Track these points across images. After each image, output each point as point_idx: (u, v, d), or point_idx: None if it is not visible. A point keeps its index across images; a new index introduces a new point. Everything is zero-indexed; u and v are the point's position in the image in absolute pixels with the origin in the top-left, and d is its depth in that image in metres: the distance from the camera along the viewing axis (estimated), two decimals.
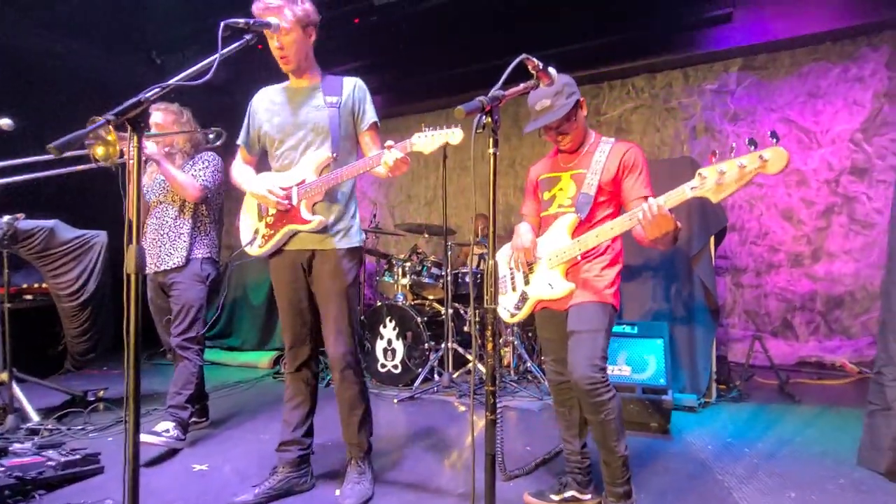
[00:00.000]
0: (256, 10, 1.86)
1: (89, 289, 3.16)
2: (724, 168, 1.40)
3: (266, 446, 2.65)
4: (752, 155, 1.36)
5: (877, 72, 4.26)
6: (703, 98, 4.86)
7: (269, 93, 2.15)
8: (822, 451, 2.48)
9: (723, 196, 1.42)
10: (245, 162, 2.21)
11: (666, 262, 3.42)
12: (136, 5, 4.59)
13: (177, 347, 2.62)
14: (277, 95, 2.12)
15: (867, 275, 4.26)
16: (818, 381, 3.90)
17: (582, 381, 1.70)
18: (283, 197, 1.99)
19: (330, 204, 2.04)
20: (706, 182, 1.43)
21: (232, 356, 4.90)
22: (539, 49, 1.43)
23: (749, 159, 1.36)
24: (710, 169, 1.42)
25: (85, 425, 2.86)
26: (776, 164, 1.33)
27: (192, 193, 2.57)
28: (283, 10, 1.85)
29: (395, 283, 4.18)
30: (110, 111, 1.27)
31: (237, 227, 2.28)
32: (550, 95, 1.76)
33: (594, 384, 1.69)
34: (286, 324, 2.12)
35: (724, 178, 1.40)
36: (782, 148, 1.31)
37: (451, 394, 3.62)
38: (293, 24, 1.87)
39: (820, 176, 4.43)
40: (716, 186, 1.42)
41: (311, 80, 2.08)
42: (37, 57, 4.74)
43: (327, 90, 2.06)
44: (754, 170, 1.36)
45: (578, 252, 1.77)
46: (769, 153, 1.34)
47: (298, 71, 2.03)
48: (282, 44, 1.89)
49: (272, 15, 1.83)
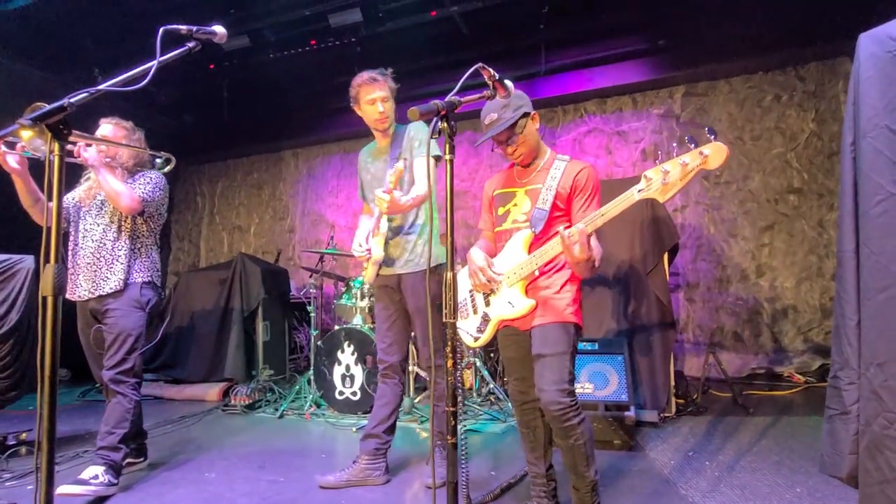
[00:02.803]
0: (361, 82, 2.34)
1: (11, 319, 2.86)
2: (667, 168, 1.43)
3: (211, 485, 2.44)
4: (693, 152, 1.41)
5: (804, 101, 4.59)
6: (652, 122, 5.08)
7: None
8: (778, 461, 2.53)
9: (669, 195, 1.46)
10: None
11: (622, 279, 3.47)
12: (78, 24, 4.41)
13: (109, 381, 2.39)
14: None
15: (807, 289, 4.49)
16: (768, 392, 4.03)
17: (550, 405, 1.66)
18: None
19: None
20: (652, 183, 1.46)
21: (177, 389, 4.57)
22: (497, 71, 1.42)
23: (691, 157, 1.40)
24: (654, 170, 1.46)
25: (1, 472, 2.55)
26: (716, 159, 1.38)
27: (126, 203, 2.37)
28: (385, 84, 2.37)
29: (353, 307, 4.05)
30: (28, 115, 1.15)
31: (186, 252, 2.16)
32: (498, 109, 1.76)
33: (563, 409, 1.66)
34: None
35: (669, 178, 1.43)
36: (720, 143, 1.36)
37: (413, 419, 3.49)
38: (391, 93, 2.39)
39: (760, 196, 4.68)
40: (662, 186, 1.45)
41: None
42: None
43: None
44: (696, 166, 1.40)
45: (536, 266, 1.74)
46: (709, 149, 1.39)
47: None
48: (385, 109, 2.37)
49: (380, 89, 2.34)
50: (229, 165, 7.07)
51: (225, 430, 3.46)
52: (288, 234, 6.67)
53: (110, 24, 4.53)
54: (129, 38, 4.68)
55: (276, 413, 3.78)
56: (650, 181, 1.46)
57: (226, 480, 2.51)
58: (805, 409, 3.55)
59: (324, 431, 3.41)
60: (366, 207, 2.63)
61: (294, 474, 2.56)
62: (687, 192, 4.90)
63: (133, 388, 2.45)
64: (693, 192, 4.89)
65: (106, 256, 2.46)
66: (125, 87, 1.30)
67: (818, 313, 4.44)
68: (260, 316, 4.77)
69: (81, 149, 2.28)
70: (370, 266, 2.42)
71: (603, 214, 1.57)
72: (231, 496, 2.31)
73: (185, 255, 7.27)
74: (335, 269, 5.60)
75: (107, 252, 2.46)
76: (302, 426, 3.53)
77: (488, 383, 3.79)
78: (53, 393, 1.18)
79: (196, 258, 7.19)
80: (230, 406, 3.98)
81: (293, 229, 6.64)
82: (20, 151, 2.14)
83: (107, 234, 2.48)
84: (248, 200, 6.95)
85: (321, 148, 6.53)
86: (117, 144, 2.48)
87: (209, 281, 5.01)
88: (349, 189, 6.35)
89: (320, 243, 6.21)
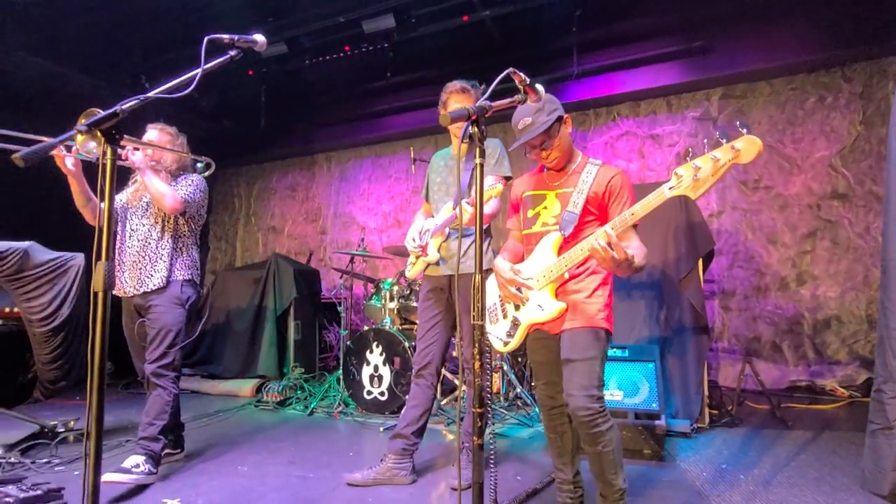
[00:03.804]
0: (453, 90, 2.48)
1: (63, 314, 3.04)
2: (698, 164, 1.41)
3: (243, 478, 2.52)
4: (724, 147, 1.37)
5: (851, 102, 4.39)
6: (687, 125, 4.96)
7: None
8: (818, 477, 2.42)
9: (701, 191, 1.43)
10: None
11: (655, 285, 3.40)
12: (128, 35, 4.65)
13: (151, 374, 2.50)
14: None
15: (852, 298, 4.28)
16: (809, 405, 3.86)
17: (579, 411, 1.65)
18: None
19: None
20: (682, 180, 1.43)
21: (212, 384, 4.74)
22: (528, 76, 1.44)
23: (722, 151, 1.37)
24: (684, 167, 1.43)
25: (51, 458, 2.70)
26: (749, 152, 1.34)
27: (170, 204, 2.49)
28: (473, 96, 2.46)
29: (382, 308, 4.11)
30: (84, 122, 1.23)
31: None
32: (532, 113, 1.75)
33: (592, 415, 1.64)
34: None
35: (700, 174, 1.40)
36: (753, 136, 1.32)
37: (439, 421, 3.51)
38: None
39: (802, 200, 4.50)
40: (693, 183, 1.42)
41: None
42: (27, 83, 4.75)
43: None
44: (729, 160, 1.37)
45: (565, 269, 1.73)
46: (741, 142, 1.35)
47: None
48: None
49: (468, 100, 2.44)
50: (265, 168, 7.28)
51: (257, 425, 3.56)
52: (320, 235, 6.81)
53: (156, 34, 4.75)
54: (172, 47, 4.91)
55: (306, 410, 3.86)
56: (681, 178, 1.43)
57: (257, 474, 2.58)
58: (849, 424, 3.38)
59: (351, 430, 3.46)
60: (426, 207, 2.70)
61: (322, 471, 2.62)
62: (724, 196, 4.76)
63: (173, 381, 2.56)
64: (730, 197, 4.74)
65: (150, 255, 2.58)
66: (172, 95, 1.37)
67: (864, 324, 4.23)
68: (292, 315, 4.88)
69: (129, 152, 2.40)
70: (419, 263, 2.49)
71: (633, 213, 1.55)
72: (262, 490, 2.37)
73: (223, 254, 7.52)
74: (365, 271, 5.69)
75: (151, 251, 2.59)
76: (330, 424, 3.60)
77: (515, 387, 3.77)
78: (102, 384, 1.25)
79: (232, 258, 7.43)
80: (262, 402, 4.10)
81: (325, 231, 6.78)
82: (74, 154, 2.28)
83: (151, 233, 2.61)
84: (282, 202, 7.14)
85: (353, 151, 6.65)
86: (161, 148, 2.61)
87: (244, 280, 5.17)
88: (380, 192, 6.44)
89: (351, 245, 6.33)
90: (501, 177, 2.44)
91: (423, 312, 2.57)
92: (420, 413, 2.47)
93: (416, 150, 4.57)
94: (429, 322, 2.53)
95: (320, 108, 6.18)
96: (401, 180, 6.32)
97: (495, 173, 2.45)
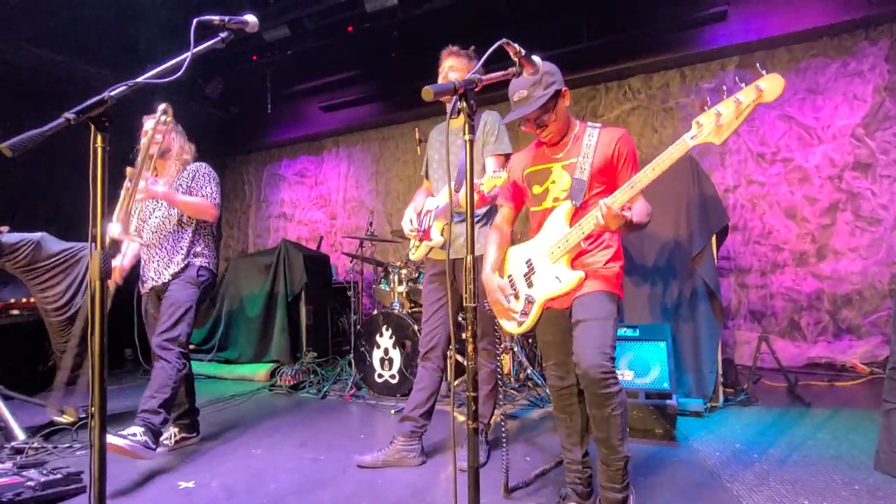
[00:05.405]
0: (443, 52, 2.43)
1: (77, 302, 3.09)
2: (720, 109, 1.36)
3: (256, 461, 2.56)
4: (747, 88, 1.33)
5: (876, 66, 4.19)
6: (701, 97, 4.79)
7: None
8: (836, 456, 2.37)
9: (726, 136, 1.38)
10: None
11: (666, 262, 3.33)
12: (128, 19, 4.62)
13: (156, 347, 2.52)
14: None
15: (875, 272, 4.15)
16: (828, 382, 3.78)
17: (591, 369, 1.60)
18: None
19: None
20: (703, 128, 1.39)
21: (228, 369, 4.82)
22: (536, 52, 1.38)
23: (745, 93, 1.32)
24: (705, 115, 1.39)
25: (72, 443, 2.78)
26: (773, 90, 1.30)
27: (212, 214, 2.65)
28: (461, 56, 2.43)
29: (391, 291, 4.11)
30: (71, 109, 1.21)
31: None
32: (528, 86, 1.69)
33: (605, 373, 1.60)
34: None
35: (723, 119, 1.35)
36: (776, 74, 1.27)
37: (450, 403, 3.52)
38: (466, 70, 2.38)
39: (822, 172, 4.34)
40: (715, 129, 1.37)
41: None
42: (31, 72, 4.77)
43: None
44: (752, 101, 1.32)
45: (580, 238, 1.68)
46: (764, 82, 1.30)
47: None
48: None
49: (454, 59, 2.41)
50: (273, 154, 7.28)
51: (271, 409, 3.62)
52: (329, 220, 6.82)
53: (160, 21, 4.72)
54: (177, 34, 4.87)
55: (319, 394, 3.91)
56: (702, 126, 1.39)
57: (270, 457, 2.63)
58: (870, 400, 3.29)
59: (363, 412, 3.50)
60: (426, 184, 2.66)
61: (334, 453, 2.65)
62: (739, 170, 4.62)
63: (178, 357, 2.54)
64: (745, 170, 4.60)
65: (169, 248, 2.66)
66: (160, 80, 1.35)
67: (887, 299, 4.10)
68: (303, 300, 4.93)
69: (149, 185, 2.42)
70: (422, 246, 2.47)
71: (654, 169, 1.49)
72: (275, 472, 2.41)
73: (235, 241, 7.59)
74: (374, 255, 5.69)
75: (169, 245, 2.66)
76: (343, 407, 3.64)
77: (526, 368, 3.76)
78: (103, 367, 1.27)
79: (245, 244, 7.50)
80: (276, 386, 4.16)
81: (334, 216, 6.78)
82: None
83: (167, 225, 2.67)
84: (291, 188, 7.15)
85: (360, 135, 6.60)
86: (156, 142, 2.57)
87: (256, 267, 5.21)
88: (388, 176, 6.40)
89: (360, 229, 6.32)
90: (502, 156, 2.38)
91: (428, 295, 2.55)
92: (427, 395, 2.47)
93: (422, 130, 4.50)
94: (433, 305, 2.52)
95: (325, 90, 6.12)
96: (408, 163, 6.26)
97: (496, 152, 2.38)
